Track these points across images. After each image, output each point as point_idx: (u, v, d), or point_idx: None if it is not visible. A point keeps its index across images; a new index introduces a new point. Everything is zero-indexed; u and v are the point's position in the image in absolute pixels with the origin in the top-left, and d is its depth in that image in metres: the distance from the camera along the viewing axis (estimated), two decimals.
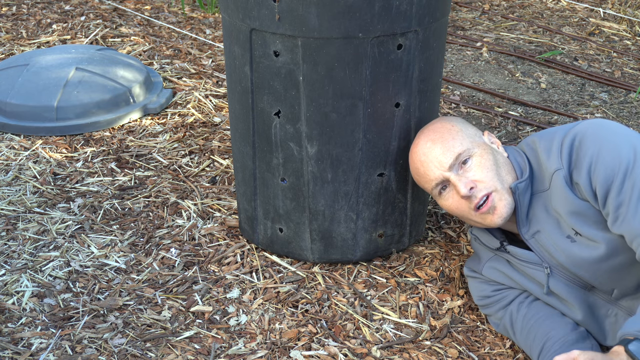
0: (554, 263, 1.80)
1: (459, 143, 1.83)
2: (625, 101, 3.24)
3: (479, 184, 1.80)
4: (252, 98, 1.99)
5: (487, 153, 1.83)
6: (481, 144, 1.85)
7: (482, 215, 1.81)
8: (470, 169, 1.81)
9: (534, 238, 1.81)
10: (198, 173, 2.61)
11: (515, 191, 1.79)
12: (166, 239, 2.28)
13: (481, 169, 1.81)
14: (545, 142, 1.80)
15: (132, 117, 2.95)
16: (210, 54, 3.54)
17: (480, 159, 1.82)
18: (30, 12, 4.01)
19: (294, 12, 1.82)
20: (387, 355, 1.87)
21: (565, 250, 1.76)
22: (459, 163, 1.82)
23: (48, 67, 2.98)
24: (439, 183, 1.85)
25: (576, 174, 1.71)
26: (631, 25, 4.06)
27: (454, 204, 1.85)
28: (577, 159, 1.71)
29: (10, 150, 2.74)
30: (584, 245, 1.73)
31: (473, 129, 1.90)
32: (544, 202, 1.79)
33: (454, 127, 1.87)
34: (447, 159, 1.82)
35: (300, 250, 2.14)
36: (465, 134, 1.86)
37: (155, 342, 1.89)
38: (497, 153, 1.86)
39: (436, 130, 1.88)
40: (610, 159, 1.66)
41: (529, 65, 3.57)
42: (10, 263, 2.16)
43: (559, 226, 1.77)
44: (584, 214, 1.72)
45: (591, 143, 1.71)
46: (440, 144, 1.84)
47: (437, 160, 1.84)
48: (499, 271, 1.91)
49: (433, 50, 1.97)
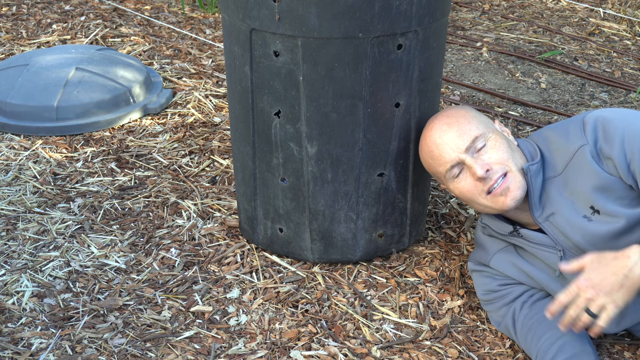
0: (568, 245, 1.80)
1: (475, 127, 1.85)
2: (625, 101, 3.24)
3: (494, 165, 1.81)
4: (252, 98, 1.99)
5: (501, 137, 1.86)
6: (495, 129, 1.88)
7: (493, 198, 1.81)
8: (485, 152, 1.83)
9: (548, 221, 1.81)
10: (198, 173, 2.62)
11: (527, 172, 1.80)
12: (166, 239, 2.28)
13: (496, 151, 1.83)
14: (559, 130, 1.83)
15: (132, 117, 2.95)
16: (210, 54, 3.54)
17: (495, 142, 1.84)
18: (30, 12, 4.01)
19: (294, 12, 1.82)
20: (387, 355, 1.87)
21: (582, 228, 1.76)
22: (474, 146, 1.83)
23: (48, 67, 2.98)
24: (454, 165, 1.86)
25: (607, 149, 1.72)
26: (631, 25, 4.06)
27: (466, 186, 1.84)
28: (605, 134, 1.73)
29: (10, 150, 2.74)
30: (602, 222, 1.74)
31: (485, 117, 1.92)
32: (557, 186, 1.81)
33: (468, 113, 1.89)
34: (463, 141, 1.83)
35: (300, 250, 2.14)
36: (479, 120, 1.88)
37: (155, 342, 1.89)
38: (508, 139, 1.89)
39: (451, 116, 1.89)
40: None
41: (529, 65, 3.57)
42: (10, 263, 2.16)
43: (574, 207, 1.78)
44: (609, 189, 1.73)
45: (618, 120, 1.73)
46: (457, 127, 1.85)
47: (453, 143, 1.84)
48: (508, 262, 1.91)
49: (433, 50, 1.97)
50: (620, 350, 1.92)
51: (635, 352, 1.91)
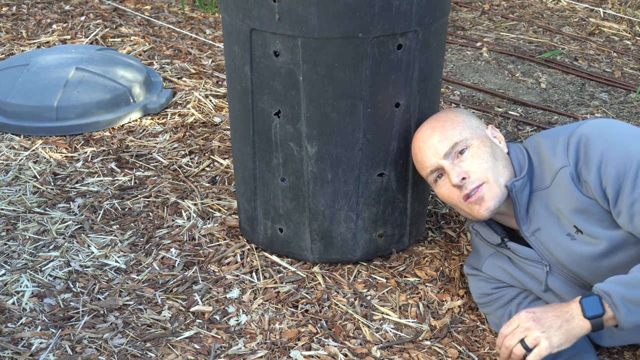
0: (553, 261, 1.80)
1: (457, 132, 1.84)
2: (625, 101, 3.24)
3: (471, 174, 1.80)
4: (252, 98, 1.99)
5: (485, 145, 1.83)
6: (482, 136, 1.85)
7: (469, 206, 1.81)
8: (465, 159, 1.82)
9: (534, 236, 1.81)
10: (198, 173, 2.62)
11: (512, 189, 1.79)
12: (166, 239, 2.28)
13: (476, 160, 1.81)
14: (550, 140, 1.80)
15: (132, 117, 2.95)
16: (210, 54, 3.54)
17: (477, 150, 1.82)
18: (30, 12, 4.01)
19: (294, 12, 1.82)
20: (387, 355, 1.87)
21: (566, 248, 1.76)
22: (455, 152, 1.82)
23: (48, 67, 2.98)
24: (434, 170, 1.86)
25: (585, 172, 1.71)
26: (631, 25, 4.06)
27: (446, 191, 1.85)
28: (585, 157, 1.71)
29: (10, 150, 2.74)
30: (585, 243, 1.73)
31: (477, 121, 1.90)
32: (544, 200, 1.79)
33: (456, 117, 1.88)
34: (443, 146, 1.83)
35: (300, 250, 2.14)
36: (467, 125, 1.86)
37: (155, 342, 1.89)
38: (496, 147, 1.86)
39: (439, 119, 1.89)
40: (620, 157, 1.66)
41: (529, 65, 3.57)
42: (10, 263, 2.16)
43: (559, 224, 1.77)
44: (588, 211, 1.72)
45: (599, 141, 1.71)
46: (439, 132, 1.85)
47: (434, 148, 1.85)
48: (499, 267, 1.92)
49: (433, 50, 1.97)
50: (620, 350, 1.92)
51: (635, 352, 1.91)
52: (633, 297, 1.55)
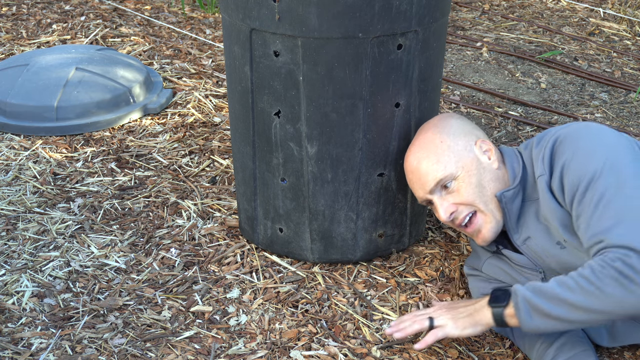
0: (547, 268, 1.81)
1: (442, 167, 1.82)
2: (625, 101, 3.24)
3: (460, 206, 1.82)
4: (252, 98, 1.99)
5: (470, 175, 1.81)
6: (467, 162, 1.82)
7: (468, 232, 1.86)
8: (452, 192, 1.83)
9: (525, 244, 1.82)
10: (198, 173, 2.62)
11: (502, 199, 1.79)
12: (166, 239, 2.28)
13: (463, 192, 1.82)
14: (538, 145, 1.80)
15: (132, 117, 2.95)
16: (210, 54, 3.54)
17: (462, 182, 1.81)
18: (30, 12, 4.01)
19: (294, 12, 1.82)
20: (387, 355, 1.87)
21: (555, 256, 1.76)
22: (440, 186, 1.83)
23: (48, 67, 2.98)
24: (424, 201, 1.90)
25: (552, 180, 1.72)
26: (631, 25, 4.06)
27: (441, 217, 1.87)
28: (554, 165, 1.72)
29: (10, 150, 2.74)
30: (574, 253, 1.73)
31: (463, 141, 1.85)
32: (535, 209, 1.79)
33: (442, 143, 1.84)
34: (428, 183, 1.84)
35: (300, 250, 2.14)
36: (453, 151, 1.83)
37: (155, 342, 1.89)
38: (484, 170, 1.83)
39: (423, 147, 1.87)
40: (578, 167, 1.65)
41: (529, 65, 3.57)
42: (10, 263, 2.16)
43: (548, 233, 1.77)
44: (569, 224, 1.71)
45: (567, 148, 1.70)
46: (425, 165, 1.84)
47: (420, 182, 1.87)
48: (499, 268, 1.92)
49: (433, 50, 1.97)
50: (620, 350, 1.92)
51: (635, 352, 1.91)
52: (535, 303, 1.59)
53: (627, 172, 1.61)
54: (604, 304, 1.53)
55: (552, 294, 1.58)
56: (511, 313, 1.64)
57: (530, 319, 1.60)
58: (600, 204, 1.59)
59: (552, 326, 1.59)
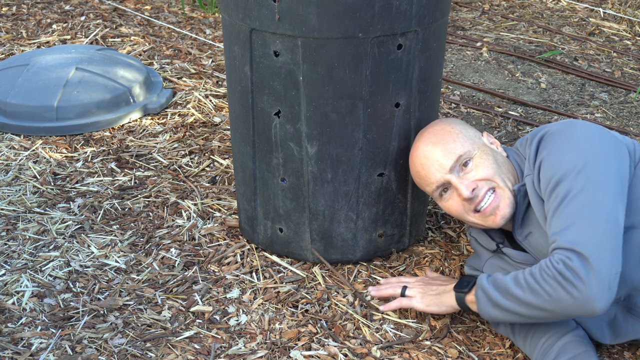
0: None
1: (459, 145, 1.84)
2: (625, 101, 3.24)
3: (480, 182, 1.81)
4: (252, 98, 1.99)
5: (486, 154, 1.85)
6: (481, 145, 1.87)
7: (483, 217, 1.83)
8: (471, 170, 1.83)
9: (527, 240, 1.82)
10: (198, 173, 2.62)
11: (518, 193, 1.80)
12: (166, 239, 2.28)
13: (481, 168, 1.82)
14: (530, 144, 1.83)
15: (132, 117, 2.95)
16: (210, 54, 3.54)
17: (480, 159, 1.83)
18: (30, 12, 4.01)
19: (294, 12, 1.82)
20: (387, 355, 1.87)
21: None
22: (459, 165, 1.83)
23: (48, 67, 2.98)
24: (440, 185, 1.87)
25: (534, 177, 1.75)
26: (631, 25, 4.06)
27: (453, 205, 1.86)
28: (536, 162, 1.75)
29: (10, 150, 2.74)
30: None
31: (472, 131, 1.91)
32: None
33: (454, 129, 1.87)
34: (448, 161, 1.83)
35: (300, 250, 2.14)
36: (466, 136, 1.87)
37: (155, 342, 1.89)
38: (496, 153, 1.87)
39: (436, 133, 1.88)
40: (552, 165, 1.69)
41: (529, 65, 3.57)
42: (10, 263, 2.16)
43: (543, 229, 1.77)
44: None
45: (547, 145, 1.74)
46: (441, 147, 1.84)
47: (437, 163, 1.84)
48: (500, 268, 1.92)
49: (433, 50, 1.97)
50: (620, 350, 1.92)
51: (635, 352, 1.91)
52: (490, 294, 1.69)
53: (596, 176, 1.64)
54: (546, 303, 1.61)
55: (505, 288, 1.67)
56: (472, 300, 1.75)
57: (486, 308, 1.70)
58: (561, 204, 1.64)
59: (505, 317, 1.69)
